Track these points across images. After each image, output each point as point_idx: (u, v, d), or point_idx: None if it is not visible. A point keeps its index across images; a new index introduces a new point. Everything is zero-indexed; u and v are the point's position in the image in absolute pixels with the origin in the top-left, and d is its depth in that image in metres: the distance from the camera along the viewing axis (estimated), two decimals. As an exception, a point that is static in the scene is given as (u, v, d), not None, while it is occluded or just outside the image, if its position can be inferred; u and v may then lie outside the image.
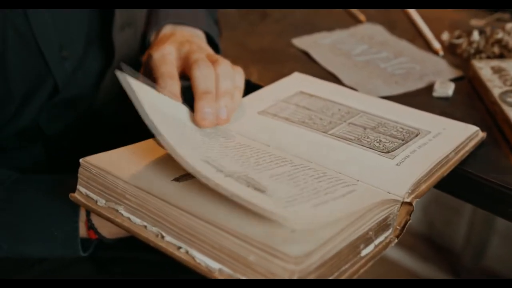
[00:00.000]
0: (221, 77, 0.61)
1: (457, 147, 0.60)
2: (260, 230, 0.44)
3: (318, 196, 0.49)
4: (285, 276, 0.41)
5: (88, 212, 0.61)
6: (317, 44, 0.92)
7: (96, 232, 0.61)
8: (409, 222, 0.52)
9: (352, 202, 0.49)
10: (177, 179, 0.51)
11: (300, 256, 0.41)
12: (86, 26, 0.78)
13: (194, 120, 0.59)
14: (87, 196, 0.54)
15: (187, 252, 0.47)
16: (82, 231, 0.62)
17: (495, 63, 0.79)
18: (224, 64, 0.62)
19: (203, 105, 0.59)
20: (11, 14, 0.67)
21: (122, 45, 0.80)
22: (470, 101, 0.75)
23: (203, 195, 0.49)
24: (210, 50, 0.66)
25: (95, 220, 0.61)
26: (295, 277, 0.41)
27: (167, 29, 0.77)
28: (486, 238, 1.67)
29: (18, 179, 0.65)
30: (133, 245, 0.70)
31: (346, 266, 0.46)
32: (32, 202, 0.63)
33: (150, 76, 0.65)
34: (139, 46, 0.85)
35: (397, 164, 0.56)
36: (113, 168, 0.53)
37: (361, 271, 0.47)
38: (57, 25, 0.73)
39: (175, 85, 0.61)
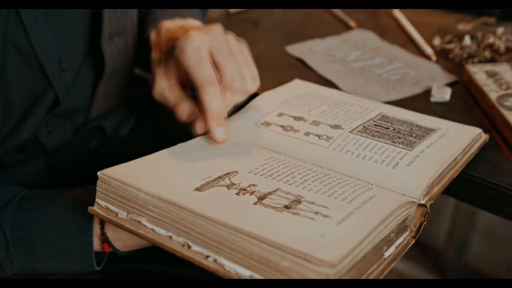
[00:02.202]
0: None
1: (464, 149, 0.62)
2: (289, 236, 0.45)
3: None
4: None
5: (102, 226, 0.60)
6: (311, 51, 0.93)
7: (110, 245, 0.61)
8: (424, 223, 0.53)
9: (374, 211, 0.50)
10: (198, 189, 0.52)
11: (334, 261, 0.42)
12: (83, 37, 0.78)
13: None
14: (107, 208, 0.54)
15: (215, 260, 0.47)
16: (96, 245, 0.61)
17: (489, 67, 0.81)
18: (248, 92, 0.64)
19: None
20: (11, 29, 0.67)
21: (112, 54, 0.80)
22: (467, 105, 0.77)
23: (228, 203, 0.50)
24: (234, 45, 0.66)
25: (109, 233, 0.61)
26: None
27: (169, 23, 0.76)
28: (467, 236, 1.71)
29: (26, 195, 0.65)
30: (143, 257, 0.70)
31: (373, 268, 0.47)
32: (44, 218, 0.62)
33: (172, 66, 0.64)
34: (132, 55, 0.85)
35: (408, 165, 0.58)
36: (133, 180, 0.53)
37: (385, 272, 0.48)
38: (55, 37, 0.72)
39: (217, 93, 0.60)
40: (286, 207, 0.49)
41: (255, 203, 0.50)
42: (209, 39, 0.62)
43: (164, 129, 0.88)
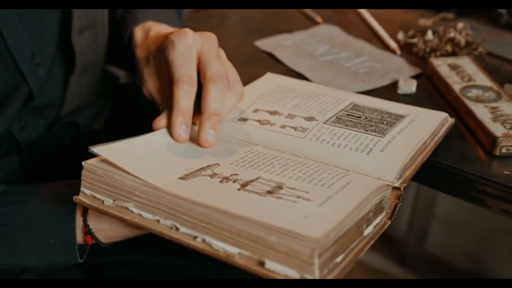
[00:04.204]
0: (229, 102, 0.63)
1: (432, 133, 0.65)
2: (275, 217, 0.47)
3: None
4: (307, 252, 0.44)
5: (85, 218, 0.61)
6: (280, 45, 0.96)
7: (93, 236, 0.62)
8: (399, 205, 0.56)
9: (352, 194, 0.52)
10: (182, 178, 0.54)
11: (320, 237, 0.44)
12: (54, 31, 0.78)
13: (197, 138, 0.61)
14: (93, 197, 0.55)
15: (203, 240, 0.49)
16: (79, 237, 0.62)
17: (451, 60, 0.85)
18: (235, 95, 0.64)
19: (210, 127, 0.60)
20: None
21: (83, 49, 0.80)
22: (432, 97, 0.81)
23: (213, 190, 0.52)
24: (224, 57, 0.67)
25: (92, 224, 0.61)
26: (316, 253, 0.44)
27: (158, 27, 0.76)
28: (427, 225, 1.77)
29: (6, 190, 0.65)
30: (125, 248, 0.71)
31: (354, 244, 0.50)
32: (25, 212, 0.63)
33: (162, 65, 0.64)
34: (103, 50, 0.86)
35: (381, 150, 0.61)
36: (118, 168, 0.54)
37: (365, 249, 0.51)
38: (28, 32, 0.73)
39: (192, 93, 0.60)
40: (269, 192, 0.51)
41: (238, 189, 0.52)
42: (201, 40, 0.63)
43: (139, 122, 0.89)
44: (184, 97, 0.59)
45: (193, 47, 0.62)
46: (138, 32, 0.76)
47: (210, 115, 0.60)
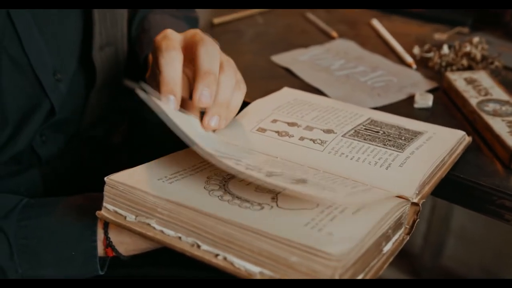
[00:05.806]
0: (222, 84, 0.61)
1: (450, 150, 0.66)
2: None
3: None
4: (328, 273, 0.44)
5: (106, 230, 0.62)
6: (296, 60, 0.97)
7: (113, 249, 0.63)
8: (417, 221, 0.56)
9: (372, 211, 0.53)
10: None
11: (342, 254, 0.45)
12: (75, 48, 0.80)
13: (192, 99, 0.59)
14: (116, 212, 0.55)
15: (225, 258, 0.49)
16: (99, 250, 0.63)
17: (467, 74, 0.85)
18: (229, 72, 0.61)
19: (204, 86, 0.58)
20: (5, 40, 0.68)
21: (103, 65, 0.82)
22: (448, 110, 0.81)
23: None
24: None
25: (113, 237, 0.62)
26: (337, 273, 0.44)
27: None
28: (443, 239, 1.76)
29: (29, 203, 0.66)
30: (144, 261, 0.72)
31: (374, 262, 0.50)
32: (47, 225, 0.63)
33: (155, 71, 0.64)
34: (122, 65, 0.87)
35: (400, 165, 0.61)
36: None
37: (385, 266, 0.51)
38: (49, 47, 0.74)
39: (175, 59, 0.58)
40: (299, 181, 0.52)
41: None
42: (183, 34, 0.63)
43: (157, 136, 0.90)
44: (166, 65, 0.58)
45: (173, 33, 0.61)
46: (151, 57, 0.77)
47: (203, 73, 0.58)
